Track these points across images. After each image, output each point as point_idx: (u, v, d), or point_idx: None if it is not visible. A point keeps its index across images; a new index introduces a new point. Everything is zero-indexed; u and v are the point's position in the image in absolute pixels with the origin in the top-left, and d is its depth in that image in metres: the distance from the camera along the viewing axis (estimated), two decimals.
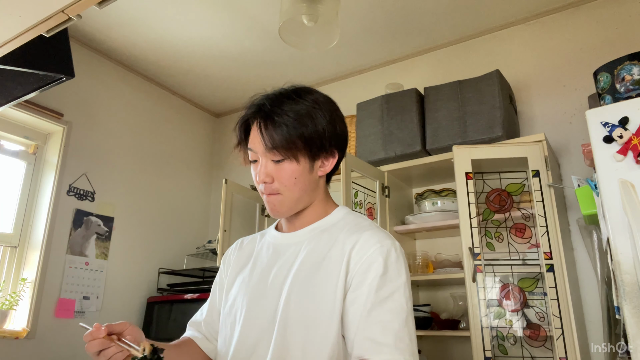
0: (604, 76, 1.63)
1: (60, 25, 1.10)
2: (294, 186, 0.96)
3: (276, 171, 0.95)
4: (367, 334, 0.83)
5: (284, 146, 0.93)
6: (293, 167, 0.95)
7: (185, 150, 3.47)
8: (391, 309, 0.85)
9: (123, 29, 2.71)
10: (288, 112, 0.94)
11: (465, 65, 2.69)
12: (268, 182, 0.95)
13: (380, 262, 0.88)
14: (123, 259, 2.87)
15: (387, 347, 0.81)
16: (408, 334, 0.84)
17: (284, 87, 1.00)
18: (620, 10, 2.34)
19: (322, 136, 0.96)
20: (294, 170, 0.95)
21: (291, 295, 0.90)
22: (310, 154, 0.96)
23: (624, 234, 1.30)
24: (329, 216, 1.02)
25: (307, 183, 0.98)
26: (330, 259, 0.92)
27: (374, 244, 0.90)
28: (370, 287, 0.86)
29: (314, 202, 1.02)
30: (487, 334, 1.79)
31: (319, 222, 1.01)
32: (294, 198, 0.97)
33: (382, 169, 2.38)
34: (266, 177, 0.95)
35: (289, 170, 0.95)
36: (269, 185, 0.96)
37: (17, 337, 2.29)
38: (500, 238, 2.03)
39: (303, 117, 0.94)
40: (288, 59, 2.97)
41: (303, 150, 0.94)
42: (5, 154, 2.59)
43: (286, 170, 0.95)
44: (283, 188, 0.96)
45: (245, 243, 1.14)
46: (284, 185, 0.95)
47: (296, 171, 0.95)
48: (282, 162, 0.94)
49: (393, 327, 0.83)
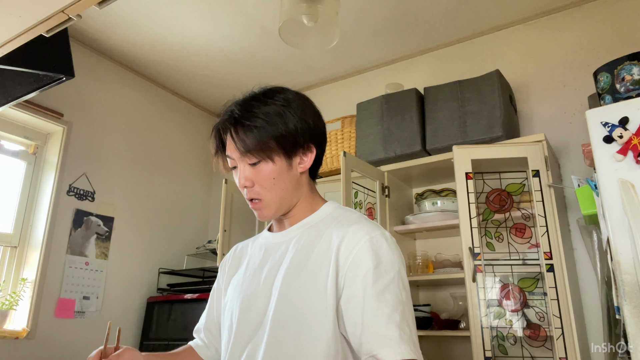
0: (604, 76, 1.63)
1: (60, 25, 1.11)
2: (274, 187, 0.97)
3: (254, 174, 0.96)
4: (372, 329, 0.83)
5: (256, 148, 0.94)
6: (269, 168, 0.96)
7: (185, 150, 3.47)
8: (389, 301, 0.84)
9: (123, 29, 2.71)
10: (258, 114, 0.95)
11: (465, 65, 2.69)
12: (249, 187, 0.97)
13: (371, 254, 0.87)
14: (123, 259, 2.87)
15: (393, 340, 0.81)
16: (407, 324, 0.84)
17: (254, 90, 1.02)
18: (620, 10, 2.34)
19: (295, 133, 0.96)
20: (270, 170, 0.96)
21: (281, 294, 0.91)
22: (285, 153, 0.96)
23: (624, 234, 1.30)
24: (316, 212, 1.02)
25: (287, 182, 0.98)
26: (317, 255, 0.92)
27: (362, 236, 0.90)
28: (366, 281, 0.85)
29: (300, 199, 1.02)
30: (487, 334, 1.79)
31: (306, 219, 1.01)
32: (276, 199, 0.98)
33: (382, 169, 2.38)
34: (246, 182, 0.97)
35: (266, 172, 0.96)
36: (250, 189, 0.97)
37: (17, 337, 2.29)
38: (500, 238, 2.03)
39: (272, 117, 0.95)
40: (288, 59, 2.97)
41: (277, 149, 0.95)
42: (5, 154, 2.59)
43: (263, 171, 0.96)
44: (263, 191, 0.97)
45: (239, 248, 1.16)
46: (264, 187, 0.96)
47: (273, 171, 0.96)
48: (258, 164, 0.95)
49: (394, 319, 0.83)
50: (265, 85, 1.03)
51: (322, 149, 1.05)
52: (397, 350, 0.80)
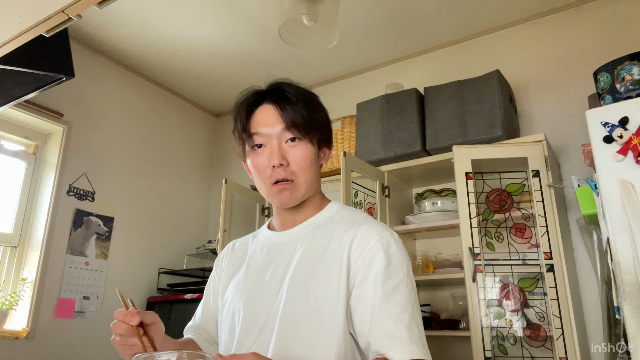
0: (604, 76, 1.63)
1: (60, 25, 1.10)
2: (309, 169, 0.93)
3: (292, 153, 0.92)
4: (380, 329, 0.82)
5: (304, 125, 0.91)
6: (309, 150, 0.93)
7: (185, 150, 3.47)
8: (398, 302, 0.84)
9: (123, 29, 2.71)
10: (300, 94, 0.94)
11: (465, 65, 2.69)
12: (284, 165, 0.91)
13: (382, 254, 0.87)
14: (123, 259, 2.87)
15: (401, 340, 0.81)
16: (416, 324, 0.84)
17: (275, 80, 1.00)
18: (620, 10, 2.34)
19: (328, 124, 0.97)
20: (310, 152, 0.93)
21: (290, 295, 0.89)
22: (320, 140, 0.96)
23: (624, 234, 1.30)
24: (322, 211, 1.00)
25: (316, 169, 0.97)
26: (328, 256, 0.90)
27: (372, 236, 0.89)
28: (376, 281, 0.85)
29: (315, 193, 1.00)
30: (487, 334, 1.79)
31: (312, 219, 0.99)
32: (307, 183, 0.94)
33: (382, 169, 2.38)
34: (282, 160, 0.90)
35: (306, 152, 0.92)
36: (285, 168, 0.91)
37: (17, 337, 2.29)
38: (500, 238, 2.03)
39: (314, 102, 0.95)
40: (288, 59, 2.97)
41: (317, 133, 0.94)
42: (5, 154, 2.59)
43: (303, 151, 0.92)
44: (299, 171, 0.92)
45: (237, 245, 1.12)
46: (300, 167, 0.92)
47: (312, 153, 0.94)
48: (298, 142, 0.92)
49: (404, 319, 0.83)
50: None
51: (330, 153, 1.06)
52: (405, 350, 0.80)
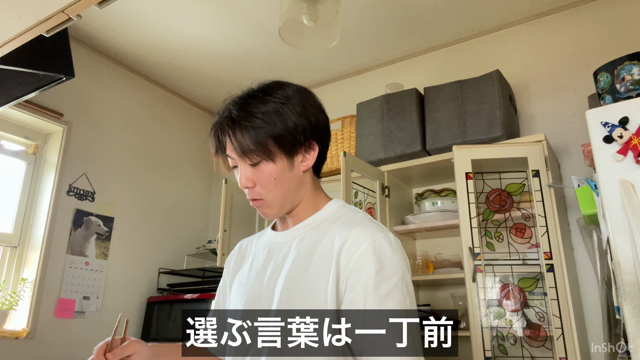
0: (604, 76, 1.63)
1: (60, 25, 1.11)
2: (275, 187, 0.95)
3: (255, 174, 0.94)
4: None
5: (255, 149, 0.91)
6: (270, 168, 0.93)
7: (185, 150, 3.47)
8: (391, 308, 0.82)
9: (123, 29, 2.71)
10: (255, 113, 0.92)
11: (465, 65, 2.69)
12: (250, 187, 0.95)
13: (373, 259, 0.84)
14: (123, 259, 2.87)
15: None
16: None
17: (252, 87, 0.99)
18: (620, 10, 2.34)
19: (295, 131, 0.93)
20: (271, 171, 0.93)
21: (282, 297, 0.89)
22: (285, 152, 0.94)
23: (624, 234, 1.30)
24: (320, 211, 0.99)
25: (289, 181, 0.96)
26: (319, 258, 0.89)
27: (364, 240, 0.86)
28: (366, 287, 0.82)
29: (304, 198, 1.00)
30: (487, 334, 1.79)
31: (309, 219, 0.98)
32: (278, 199, 0.96)
33: (382, 169, 2.38)
34: (247, 182, 0.94)
35: (267, 172, 0.93)
36: (252, 190, 0.96)
37: (17, 337, 2.29)
38: (500, 238, 2.03)
39: (271, 116, 0.92)
40: (288, 59, 2.97)
41: (277, 149, 0.92)
42: (5, 154, 2.59)
43: (264, 172, 0.94)
44: (265, 191, 0.95)
45: (244, 245, 1.14)
46: (265, 187, 0.94)
47: (274, 172, 0.94)
48: (258, 164, 0.93)
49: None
50: (264, 81, 1.00)
51: (326, 144, 1.02)
52: None
